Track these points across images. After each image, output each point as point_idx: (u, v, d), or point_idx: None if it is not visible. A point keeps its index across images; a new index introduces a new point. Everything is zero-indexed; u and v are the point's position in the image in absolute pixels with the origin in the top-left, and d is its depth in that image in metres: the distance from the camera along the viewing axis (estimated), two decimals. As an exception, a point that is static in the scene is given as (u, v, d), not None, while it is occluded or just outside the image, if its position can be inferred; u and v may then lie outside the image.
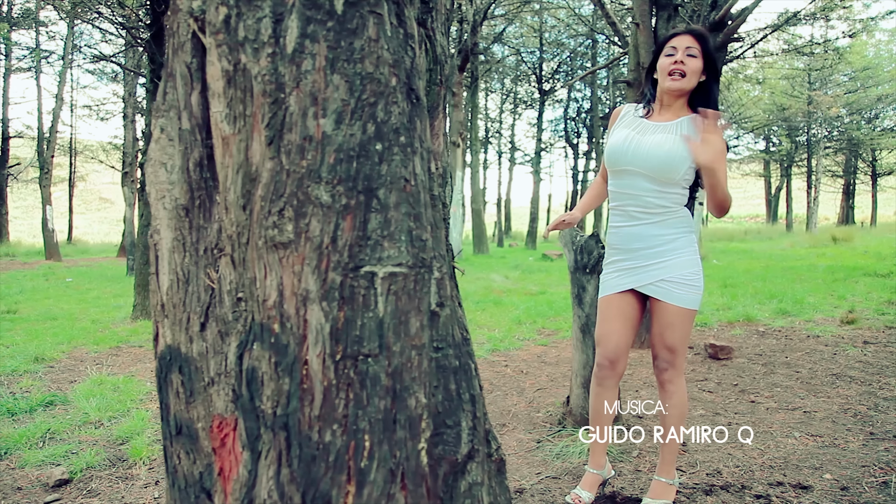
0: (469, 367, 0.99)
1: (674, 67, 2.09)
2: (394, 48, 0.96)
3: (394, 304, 0.89)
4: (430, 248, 0.93)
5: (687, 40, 2.10)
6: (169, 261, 1.11)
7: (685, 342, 2.21)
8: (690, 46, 2.09)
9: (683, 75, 2.08)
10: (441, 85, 1.23)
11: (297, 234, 0.88)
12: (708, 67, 2.13)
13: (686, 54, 2.08)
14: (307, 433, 0.87)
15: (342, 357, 0.87)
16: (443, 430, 0.92)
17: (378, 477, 0.86)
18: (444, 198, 1.15)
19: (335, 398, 0.87)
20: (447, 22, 1.31)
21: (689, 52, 2.09)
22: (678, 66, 2.08)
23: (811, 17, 16.30)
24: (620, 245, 2.24)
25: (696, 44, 2.10)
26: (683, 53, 2.08)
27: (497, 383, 4.01)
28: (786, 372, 4.22)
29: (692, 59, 2.09)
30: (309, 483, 0.87)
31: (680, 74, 2.08)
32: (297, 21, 0.91)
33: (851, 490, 2.35)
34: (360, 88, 0.91)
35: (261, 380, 0.92)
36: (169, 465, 1.16)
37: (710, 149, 1.97)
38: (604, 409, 2.31)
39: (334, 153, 0.89)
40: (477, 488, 0.97)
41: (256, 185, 0.93)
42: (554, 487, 2.44)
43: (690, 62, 2.09)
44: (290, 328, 0.89)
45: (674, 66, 2.09)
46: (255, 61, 0.93)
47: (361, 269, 0.88)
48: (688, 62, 2.08)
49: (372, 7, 0.95)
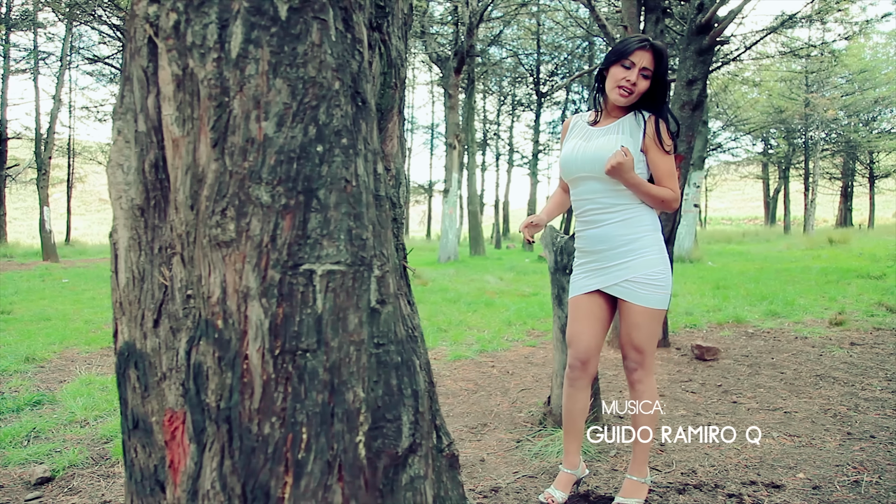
0: (412, 364, 1.02)
1: (624, 84, 2.13)
2: (338, 53, 0.99)
3: (332, 301, 0.91)
4: (371, 247, 0.96)
5: (645, 59, 2.13)
6: (125, 259, 1.14)
7: (653, 342, 2.24)
8: (646, 68, 2.13)
9: (631, 93, 2.14)
10: (396, 88, 1.26)
11: (238, 233, 0.91)
12: (656, 84, 2.16)
13: (640, 75, 2.13)
14: (247, 426, 0.90)
15: (281, 352, 0.89)
16: (382, 424, 0.95)
17: (315, 468, 0.89)
18: (395, 198, 1.18)
19: (274, 392, 0.89)
20: (405, 26, 1.34)
21: (644, 73, 2.13)
22: (628, 84, 2.13)
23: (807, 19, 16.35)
24: (586, 247, 2.28)
25: (653, 63, 2.13)
26: (638, 73, 2.13)
27: (482, 384, 4.04)
28: (770, 373, 4.25)
29: (644, 80, 2.14)
30: (249, 474, 0.90)
31: (628, 92, 2.14)
32: (241, 27, 0.94)
33: (823, 489, 2.38)
34: (302, 92, 0.94)
35: (206, 374, 0.95)
36: (127, 459, 1.19)
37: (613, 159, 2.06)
38: (576, 409, 2.34)
39: (275, 155, 0.92)
40: (419, 481, 1.00)
41: (202, 185, 0.96)
42: (529, 486, 2.46)
43: (641, 83, 2.14)
44: (232, 324, 0.92)
45: (624, 83, 2.13)
46: (202, 66, 0.96)
47: (300, 267, 0.90)
48: (639, 83, 2.13)
49: (316, 13, 0.98)
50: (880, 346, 5.01)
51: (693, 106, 4.78)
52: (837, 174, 33.12)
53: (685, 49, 4.80)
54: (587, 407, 2.38)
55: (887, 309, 6.59)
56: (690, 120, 4.80)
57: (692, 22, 4.73)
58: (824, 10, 16.51)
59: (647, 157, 2.16)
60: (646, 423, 2.26)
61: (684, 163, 4.86)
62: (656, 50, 2.14)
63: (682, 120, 4.79)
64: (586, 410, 2.38)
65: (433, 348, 5.16)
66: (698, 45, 4.71)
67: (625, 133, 2.18)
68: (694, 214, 14.07)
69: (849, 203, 32.91)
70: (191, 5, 0.96)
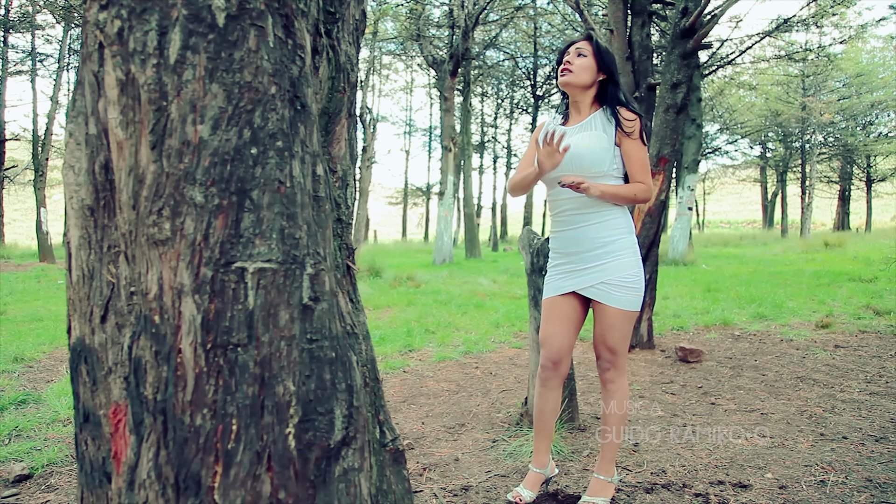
0: (347, 360, 1.05)
1: (562, 67, 2.26)
2: (276, 58, 1.03)
3: (263, 298, 0.95)
4: (304, 246, 1.00)
5: (577, 44, 2.28)
6: (76, 258, 1.17)
7: (626, 343, 2.27)
8: (580, 47, 2.26)
9: (571, 71, 2.23)
10: (345, 92, 1.29)
11: (173, 232, 0.95)
12: (603, 67, 2.26)
13: (576, 55, 2.25)
14: (181, 417, 0.93)
15: (213, 346, 0.93)
16: (314, 417, 0.98)
17: (244, 459, 0.92)
18: (340, 199, 1.21)
19: (206, 384, 0.93)
20: (357, 31, 1.37)
21: (579, 52, 2.26)
22: (565, 65, 2.25)
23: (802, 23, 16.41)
24: (561, 248, 2.31)
25: (587, 45, 2.27)
26: (573, 55, 2.26)
27: (464, 384, 4.07)
28: (752, 375, 4.28)
29: (581, 57, 2.25)
30: (182, 464, 0.93)
31: (567, 71, 2.24)
32: (179, 34, 0.98)
33: (789, 488, 2.41)
34: (238, 96, 0.98)
35: (144, 368, 0.99)
36: (79, 452, 1.22)
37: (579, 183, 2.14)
38: (547, 410, 2.37)
39: (209, 157, 0.95)
40: (353, 474, 1.03)
41: (143, 186, 0.99)
42: (500, 485, 2.49)
43: (578, 60, 2.25)
44: (167, 319, 0.95)
45: (562, 67, 2.26)
46: (143, 71, 0.99)
47: (232, 265, 0.94)
48: (575, 61, 2.25)
49: (254, 20, 1.01)
50: (864, 348, 5.04)
51: (677, 109, 4.81)
52: (835, 178, 33.18)
53: (669, 53, 4.84)
54: (558, 407, 2.41)
55: (875, 312, 6.62)
56: (675, 123, 4.84)
57: (676, 26, 4.77)
58: (819, 14, 16.58)
59: (620, 149, 2.22)
60: (615, 423, 2.29)
61: (668, 165, 4.90)
62: (588, 36, 2.30)
63: (667, 123, 4.83)
64: (557, 410, 2.41)
65: (419, 349, 5.19)
66: (682, 48, 4.75)
67: (597, 129, 2.23)
68: (688, 217, 14.10)
69: (846, 207, 32.97)
70: (133, 13, 1.00)
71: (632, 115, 2.21)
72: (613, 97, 2.25)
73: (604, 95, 2.27)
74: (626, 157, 2.22)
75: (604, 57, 2.25)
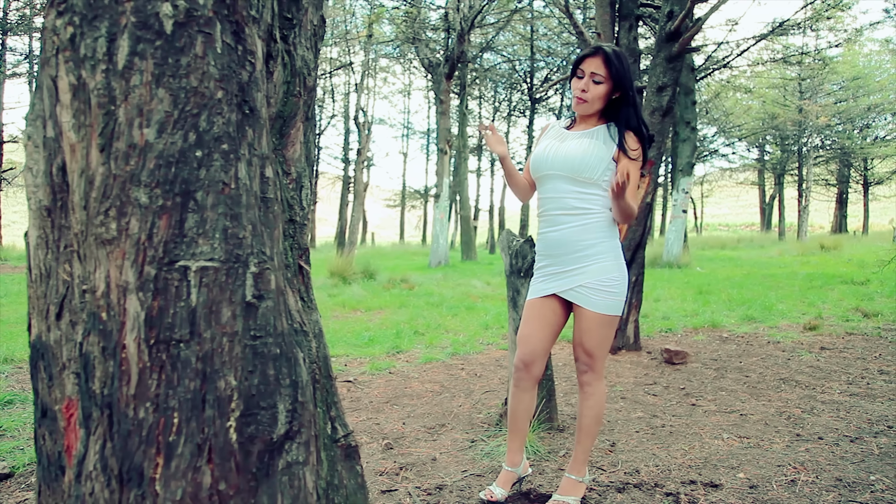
0: (293, 356, 1.08)
1: (578, 94, 2.23)
2: (223, 64, 1.06)
3: (206, 295, 0.98)
4: (248, 245, 1.03)
5: (594, 64, 2.19)
6: (34, 257, 1.21)
7: (605, 347, 2.29)
8: (596, 72, 2.19)
9: (584, 101, 2.22)
10: (300, 96, 1.33)
11: (119, 232, 0.98)
12: (618, 87, 2.22)
13: (591, 80, 2.20)
14: (125, 411, 0.97)
15: (156, 342, 0.96)
16: (256, 411, 1.01)
17: (185, 451, 0.95)
18: (293, 200, 1.24)
19: (148, 379, 0.96)
20: (315, 37, 1.41)
21: (595, 79, 2.20)
22: (580, 93, 2.22)
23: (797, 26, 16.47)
24: (545, 251, 2.33)
25: (604, 68, 2.19)
26: (588, 80, 2.20)
27: (448, 385, 4.10)
28: (735, 376, 4.31)
29: (596, 85, 2.20)
30: (126, 456, 0.96)
31: (581, 100, 2.22)
32: (127, 40, 1.01)
33: (759, 488, 2.43)
34: (184, 101, 1.01)
35: (93, 363, 1.02)
36: (37, 447, 1.25)
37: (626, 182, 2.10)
38: (520, 410, 2.39)
39: (155, 159, 0.98)
40: (297, 467, 1.06)
41: (92, 187, 1.03)
42: (475, 484, 2.52)
43: (593, 89, 2.20)
44: (113, 316, 0.99)
45: (578, 93, 2.22)
46: (93, 76, 1.03)
47: (176, 264, 0.97)
48: (591, 89, 2.20)
49: (201, 27, 1.05)
50: (849, 350, 5.07)
51: (663, 112, 4.85)
52: (833, 181, 33.24)
53: (655, 56, 4.88)
54: (532, 408, 2.43)
55: (863, 314, 6.65)
56: (661, 126, 4.88)
57: (662, 29, 4.81)
58: (814, 18, 16.65)
59: (617, 166, 2.23)
60: (589, 425, 2.31)
61: (654, 168, 4.94)
62: (605, 55, 2.20)
63: (653, 126, 4.87)
64: (531, 411, 2.43)
65: (407, 351, 5.22)
66: (668, 52, 4.79)
67: (598, 139, 2.23)
68: (682, 220, 14.14)
69: (844, 210, 33.02)
70: (85, 19, 1.03)
71: (636, 144, 2.21)
72: (625, 120, 2.22)
73: (613, 111, 2.26)
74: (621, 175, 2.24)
75: (620, 77, 2.19)
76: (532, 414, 2.46)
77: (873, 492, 2.37)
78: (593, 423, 2.32)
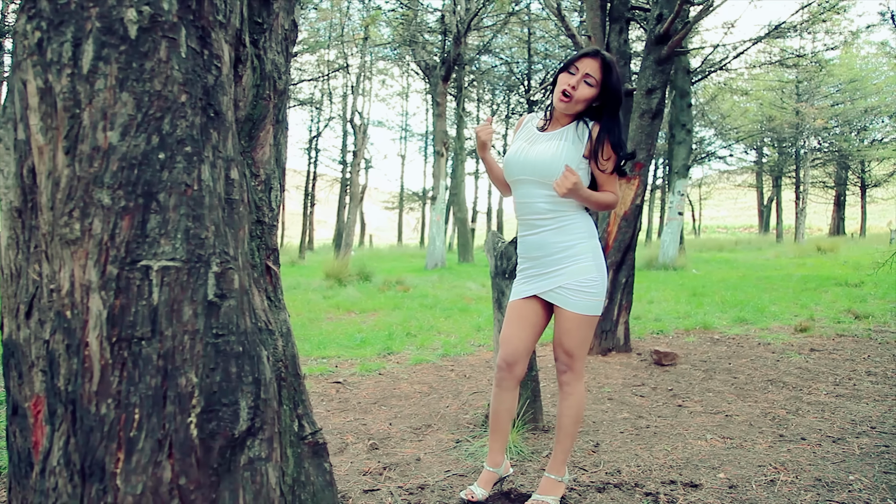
0: (256, 354, 1.10)
1: (565, 89, 2.20)
2: (188, 68, 1.09)
3: (167, 294, 1.00)
4: (211, 246, 1.05)
5: (591, 66, 2.19)
6: (5, 257, 1.23)
7: (584, 347, 2.31)
8: (590, 74, 2.19)
9: (570, 98, 2.20)
10: (270, 99, 1.35)
11: (82, 232, 1.00)
12: (605, 96, 2.23)
13: (583, 80, 2.19)
14: (87, 407, 0.99)
15: (118, 339, 0.98)
16: (218, 408, 1.03)
17: (146, 446, 0.97)
18: (260, 201, 1.27)
19: (110, 376, 0.98)
20: (286, 41, 1.43)
21: (587, 80, 2.19)
22: (569, 88, 2.20)
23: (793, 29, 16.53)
24: (525, 253, 2.36)
25: (599, 72, 2.19)
26: (581, 79, 2.19)
27: (437, 386, 4.12)
28: (724, 378, 4.33)
29: (587, 87, 2.19)
30: (88, 451, 0.98)
31: (567, 96, 2.20)
32: (92, 45, 1.04)
33: (739, 488, 2.45)
34: (147, 104, 1.04)
35: (58, 361, 1.04)
36: (8, 444, 1.27)
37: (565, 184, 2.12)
38: (502, 410, 2.41)
39: (118, 161, 1.01)
40: (260, 463, 1.09)
41: (58, 188, 1.05)
42: (457, 484, 2.54)
43: (582, 90, 2.19)
44: (77, 314, 1.01)
45: (566, 87, 2.20)
46: (59, 80, 1.05)
47: (138, 263, 0.99)
48: (580, 89, 2.19)
49: (166, 32, 1.07)
50: (838, 351, 5.10)
51: (652, 115, 4.88)
52: (830, 183, 33.30)
53: (644, 59, 4.91)
54: (514, 408, 2.44)
55: (855, 316, 6.68)
56: (650, 128, 4.91)
57: (651, 32, 4.84)
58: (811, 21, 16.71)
59: (590, 162, 2.25)
60: (569, 425, 2.33)
61: (644, 170, 4.96)
62: (605, 60, 2.20)
63: (642, 128, 4.90)
64: (513, 411, 2.45)
65: (398, 352, 5.24)
66: (657, 54, 4.82)
67: (567, 140, 2.25)
68: (678, 222, 14.17)
69: (842, 212, 33.08)
70: (52, 24, 1.06)
71: (609, 153, 2.21)
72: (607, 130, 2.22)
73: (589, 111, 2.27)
74: (595, 173, 2.26)
75: (611, 87, 2.20)
76: (514, 414, 2.48)
77: (851, 491, 2.39)
78: (572, 423, 2.34)
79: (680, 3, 4.46)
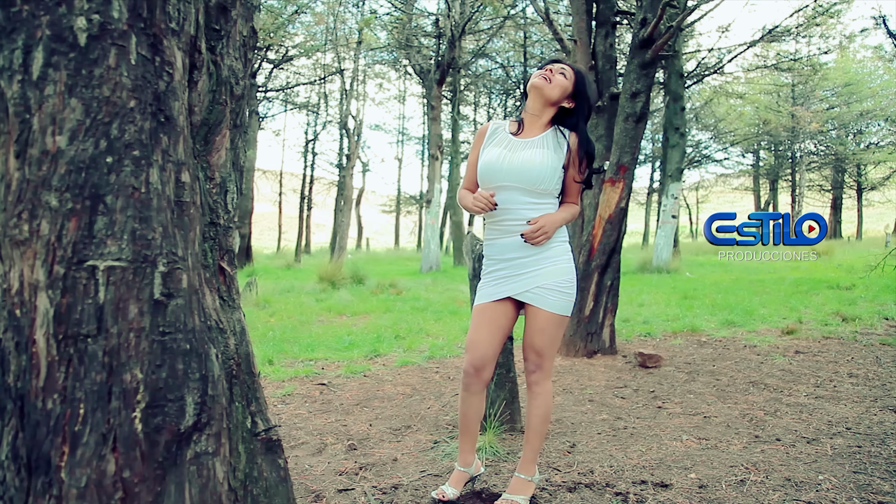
0: (203, 352, 1.14)
1: (542, 72, 2.31)
2: (138, 74, 1.12)
3: (113, 293, 1.04)
4: (158, 246, 1.09)
5: (563, 65, 2.33)
6: (-36, 258, 1.26)
7: (554, 347, 2.35)
8: (565, 69, 2.32)
9: (548, 81, 2.29)
10: (226, 104, 1.38)
11: (31, 233, 1.04)
12: (577, 99, 2.33)
13: (559, 72, 2.31)
14: (34, 402, 1.02)
15: (64, 337, 1.02)
16: (163, 403, 1.07)
17: (90, 440, 1.01)
18: (215, 204, 1.30)
19: (56, 372, 1.01)
20: (244, 47, 1.47)
21: (563, 72, 2.31)
22: (546, 73, 2.30)
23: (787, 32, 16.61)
24: (497, 255, 2.38)
25: (572, 75, 2.32)
26: (557, 70, 2.31)
27: (420, 388, 4.15)
28: (706, 380, 4.36)
29: (562, 76, 2.31)
30: (35, 445, 1.01)
31: (546, 78, 2.29)
32: (42, 52, 1.07)
33: (709, 488, 2.48)
34: (96, 110, 1.07)
35: (8, 358, 1.07)
36: (-32, 441, 1.31)
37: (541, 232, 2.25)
38: (470, 413, 2.42)
39: (66, 165, 1.04)
40: (206, 457, 1.12)
41: (9, 191, 1.09)
42: (431, 484, 2.56)
43: (558, 77, 2.30)
44: (25, 312, 1.04)
45: (542, 72, 2.31)
46: (10, 86, 1.09)
47: (84, 263, 1.03)
48: (556, 76, 2.30)
49: (115, 40, 1.11)
50: (823, 354, 5.13)
51: (637, 118, 4.92)
52: (827, 186, 33.38)
53: (629, 63, 4.96)
54: (482, 410, 2.46)
55: (842, 318, 6.71)
56: (634, 132, 4.95)
57: (635, 36, 4.89)
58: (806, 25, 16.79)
59: (565, 172, 2.31)
60: (538, 424, 2.36)
61: (628, 174, 5.00)
62: (576, 70, 2.35)
63: (626, 132, 4.94)
64: (481, 413, 2.46)
65: (385, 355, 5.27)
66: (641, 58, 4.87)
67: (549, 148, 2.30)
68: (672, 225, 14.22)
69: (838, 215, 33.15)
70: (3, 31, 1.09)
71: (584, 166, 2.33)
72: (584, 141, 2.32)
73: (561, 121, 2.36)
74: (567, 179, 2.33)
75: (581, 89, 2.32)
76: (482, 416, 2.50)
77: (819, 490, 2.42)
78: (541, 422, 2.37)
79: (662, 7, 4.51)
